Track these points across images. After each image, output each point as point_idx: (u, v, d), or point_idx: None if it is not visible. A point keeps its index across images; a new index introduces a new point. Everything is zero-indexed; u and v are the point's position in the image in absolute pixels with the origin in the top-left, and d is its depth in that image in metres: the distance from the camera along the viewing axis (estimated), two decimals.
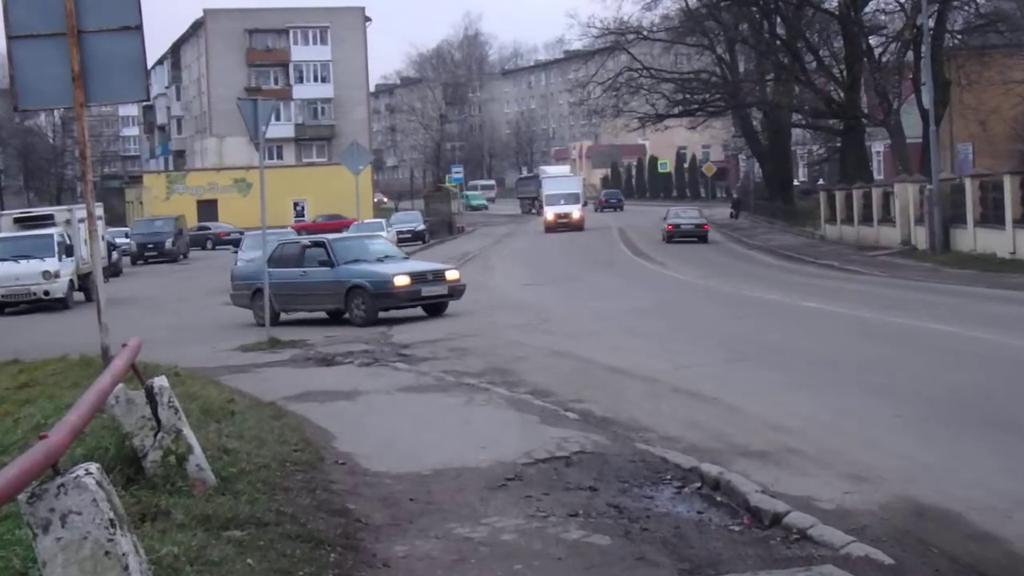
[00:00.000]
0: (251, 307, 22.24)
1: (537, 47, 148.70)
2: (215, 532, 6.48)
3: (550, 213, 61.12)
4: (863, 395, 11.48)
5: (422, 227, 60.63)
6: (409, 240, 56.48)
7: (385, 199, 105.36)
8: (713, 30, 55.61)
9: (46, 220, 33.80)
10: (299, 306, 22.30)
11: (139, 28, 9.80)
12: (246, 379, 14.32)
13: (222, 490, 7.45)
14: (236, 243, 62.45)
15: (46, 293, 29.68)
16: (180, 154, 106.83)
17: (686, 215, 50.79)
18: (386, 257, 22.77)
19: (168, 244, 54.18)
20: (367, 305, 21.05)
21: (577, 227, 58.84)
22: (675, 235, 48.12)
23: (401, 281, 21.09)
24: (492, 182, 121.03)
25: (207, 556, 5.97)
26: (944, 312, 19.15)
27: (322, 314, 22.57)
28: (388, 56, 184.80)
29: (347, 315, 21.41)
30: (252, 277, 22.08)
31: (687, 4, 55.99)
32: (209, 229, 70.01)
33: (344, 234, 28.75)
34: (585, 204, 66.56)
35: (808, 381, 12.70)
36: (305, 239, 25.02)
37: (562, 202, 61.61)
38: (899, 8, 46.99)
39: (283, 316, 21.88)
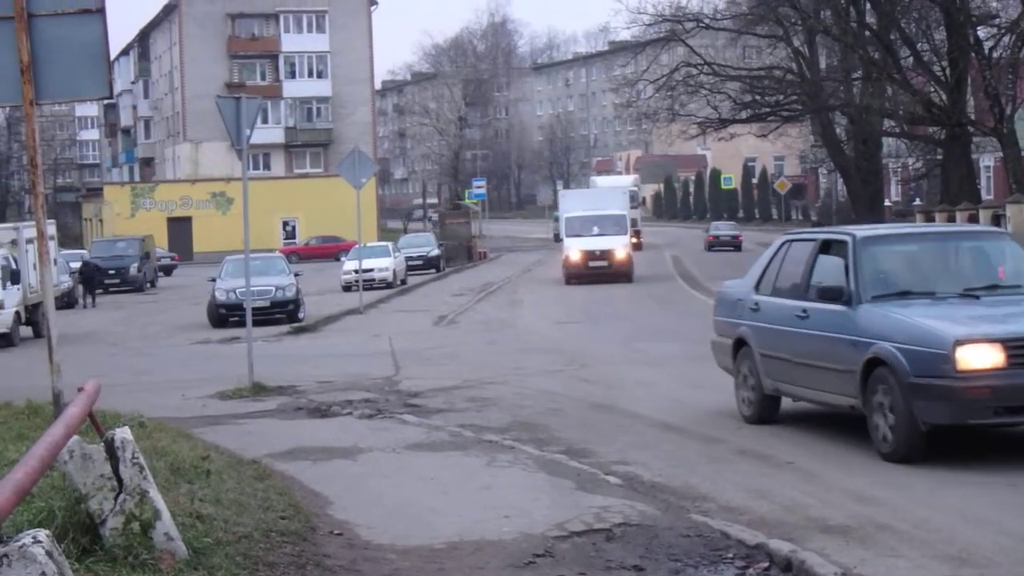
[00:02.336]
0: (732, 371, 14.68)
1: (576, 37, 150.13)
2: None
3: (574, 249, 45.78)
4: (967, 461, 11.44)
5: (436, 252, 60.87)
6: (421, 268, 56.76)
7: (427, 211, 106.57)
8: (789, 18, 55.60)
9: None
10: (800, 386, 13.49)
11: (101, 12, 9.88)
12: (225, 432, 14.41)
13: (194, 564, 7.50)
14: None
15: None
16: (148, 162, 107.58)
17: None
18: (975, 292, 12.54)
19: (133, 270, 54.51)
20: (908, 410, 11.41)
21: (622, 273, 45.01)
22: None
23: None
24: None
25: None
26: None
27: (316, 350, 22.49)
28: (397, 47, 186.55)
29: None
30: (739, 311, 14.66)
31: None
32: None
33: (879, 227, 16.86)
34: (638, 233, 53.45)
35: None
36: (823, 232, 15.29)
37: (595, 230, 46.06)
38: None
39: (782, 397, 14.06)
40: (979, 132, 48.53)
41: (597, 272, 44.49)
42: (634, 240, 54.11)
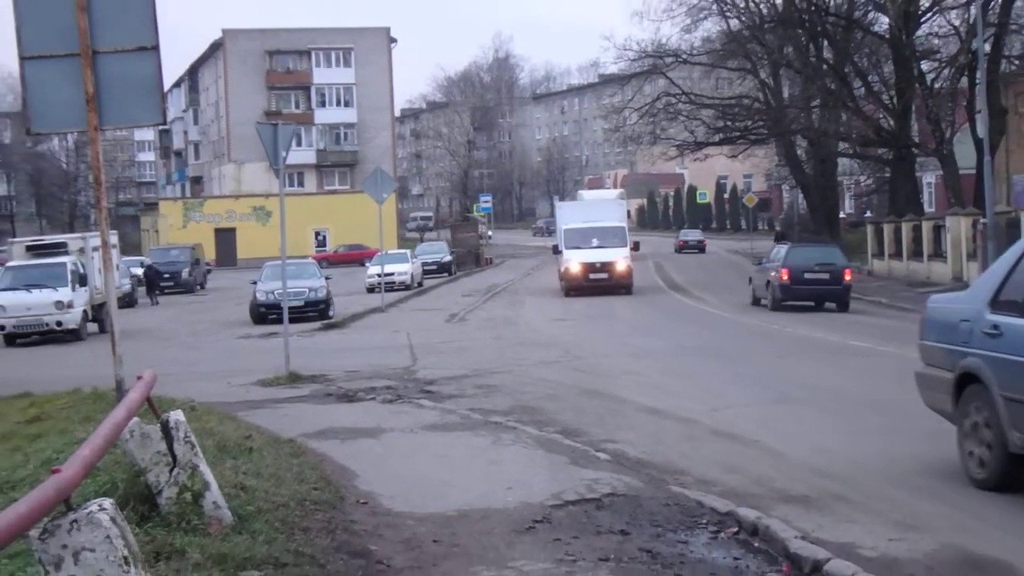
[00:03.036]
0: (952, 416, 10.09)
1: (570, 70, 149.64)
2: (231, 572, 6.55)
3: (574, 261, 39.62)
4: (913, 440, 11.46)
5: (448, 258, 60.92)
6: (435, 272, 56.75)
7: (430, 220, 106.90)
8: (756, 53, 55.69)
9: (59, 248, 34.12)
10: None
11: (156, 49, 9.90)
12: (264, 415, 14.43)
13: (239, 529, 7.53)
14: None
15: (59, 324, 29.97)
16: (197, 180, 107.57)
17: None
18: None
19: (184, 274, 54.55)
20: None
21: (622, 285, 39.41)
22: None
23: None
24: None
25: None
26: None
27: (344, 344, 22.47)
28: (414, 79, 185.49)
29: None
30: (966, 336, 9.74)
31: (729, 26, 56.16)
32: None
33: None
34: (635, 247, 43.65)
35: (855, 425, 12.69)
36: None
37: (594, 241, 40.14)
38: (953, 32, 46.94)
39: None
40: (922, 153, 48.51)
41: (597, 284, 38.77)
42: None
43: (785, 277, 30.99)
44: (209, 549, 6.86)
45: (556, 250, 41.95)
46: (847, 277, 31.67)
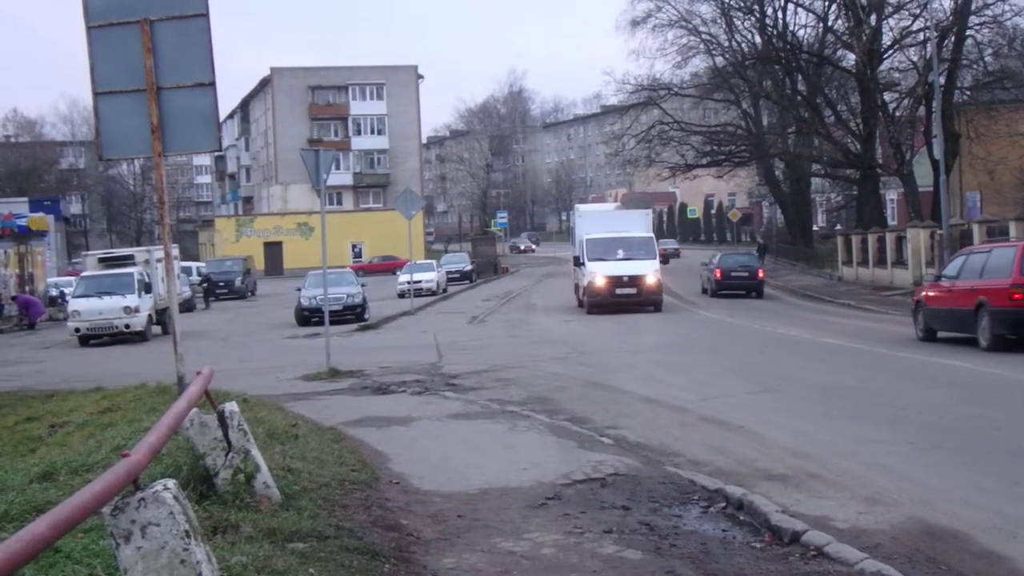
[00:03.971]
0: None
1: (576, 102, 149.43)
2: (280, 544, 6.54)
3: (599, 275, 32.66)
4: (878, 424, 11.40)
5: (470, 267, 60.94)
6: (457, 279, 56.78)
7: (432, 235, 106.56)
8: (739, 87, 55.66)
9: (127, 260, 34.25)
10: None
11: (212, 85, 9.93)
12: (308, 406, 14.43)
13: (286, 506, 7.51)
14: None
15: (127, 327, 30.07)
16: (248, 200, 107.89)
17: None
18: None
19: (237, 282, 54.68)
20: None
21: (651, 301, 32.74)
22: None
23: None
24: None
25: (273, 566, 6.03)
26: (956, 349, 18.96)
27: (377, 343, 22.44)
28: (439, 110, 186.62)
29: None
30: None
31: (715, 63, 56.18)
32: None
33: None
34: (665, 259, 41.82)
35: (827, 411, 12.62)
36: None
37: (620, 253, 33.54)
38: (912, 66, 46.82)
39: None
40: (885, 173, 48.38)
41: (625, 300, 32.28)
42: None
43: (718, 275, 40.11)
44: (260, 524, 6.85)
45: (577, 262, 35.08)
46: (760, 275, 40.09)
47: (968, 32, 42.95)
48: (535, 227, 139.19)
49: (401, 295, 43.68)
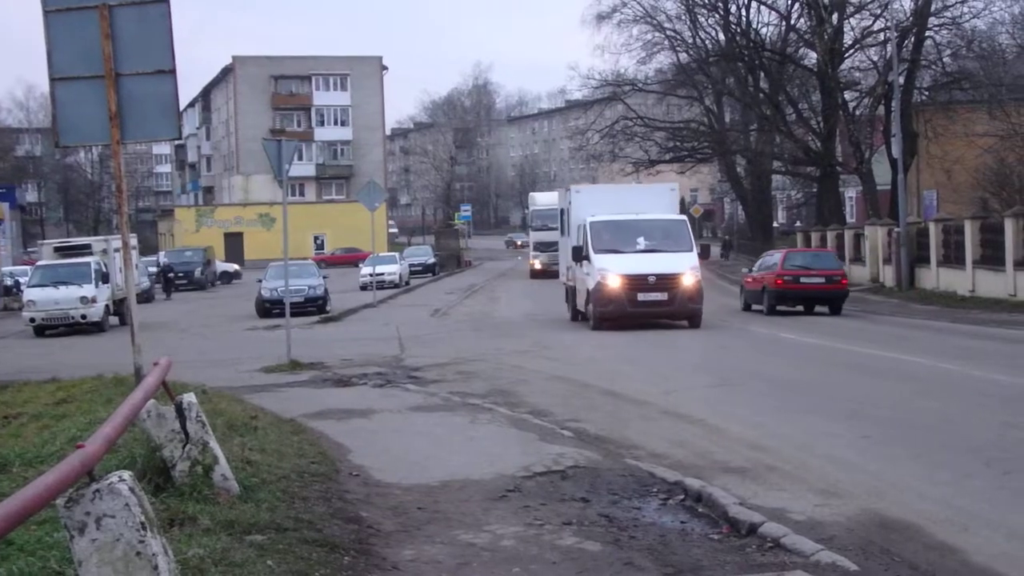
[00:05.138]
0: None
1: (541, 96, 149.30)
2: (238, 536, 6.50)
3: (611, 274, 23.55)
4: (834, 418, 11.51)
5: (432, 260, 60.83)
6: (420, 272, 56.66)
7: (396, 229, 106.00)
8: (702, 83, 55.98)
9: (84, 249, 33.90)
10: None
11: (172, 72, 9.85)
12: (268, 398, 14.35)
13: (245, 498, 7.47)
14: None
15: (83, 317, 29.74)
16: (209, 190, 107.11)
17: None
18: None
19: (197, 273, 54.27)
20: None
21: (688, 313, 23.64)
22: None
23: None
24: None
25: (230, 558, 5.99)
26: (910, 344, 19.19)
27: (339, 335, 22.29)
28: (403, 102, 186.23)
29: None
30: None
31: (679, 59, 56.41)
32: None
33: None
34: (705, 253, 33.77)
35: (784, 405, 12.72)
36: None
37: (640, 242, 24.25)
38: (872, 66, 47.27)
39: None
40: (845, 171, 48.84)
41: (651, 310, 23.27)
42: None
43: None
44: (218, 516, 6.81)
45: (579, 255, 24.60)
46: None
47: (928, 33, 43.41)
48: (499, 222, 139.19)
49: (363, 287, 43.50)
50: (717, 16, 53.82)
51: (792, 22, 50.91)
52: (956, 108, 43.12)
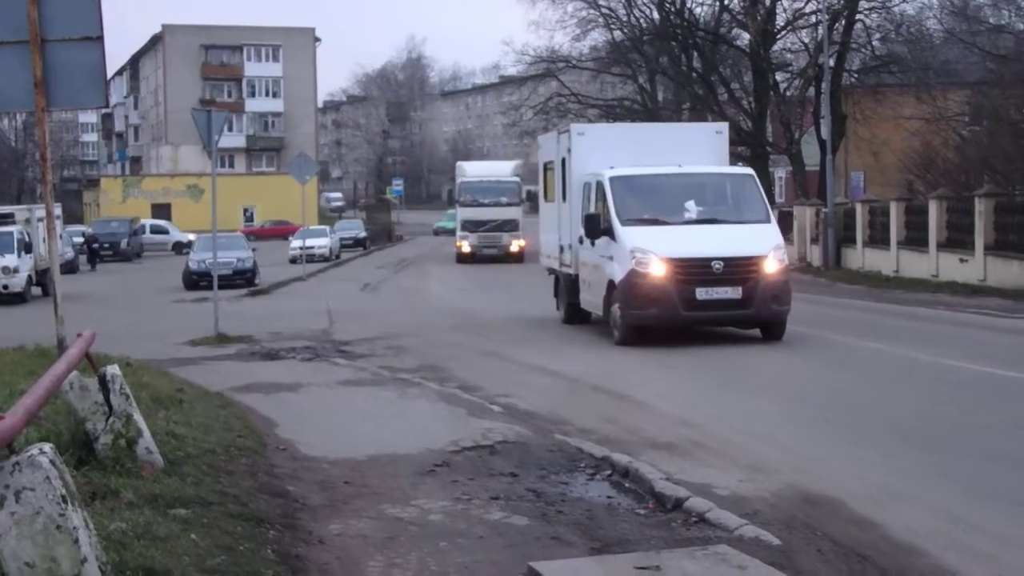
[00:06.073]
0: None
1: (475, 71, 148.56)
2: (162, 511, 6.43)
3: (653, 257, 15.66)
4: (760, 396, 11.68)
5: (364, 234, 60.47)
6: (352, 246, 56.29)
7: (342, 202, 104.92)
8: (636, 62, 56.08)
9: (6, 218, 33.13)
10: None
11: (100, 39, 9.65)
12: (195, 371, 14.19)
13: (169, 472, 7.39)
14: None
15: (5, 287, 29.12)
16: (136, 160, 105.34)
17: None
18: None
19: (123, 244, 53.39)
20: None
21: (769, 317, 16.21)
22: None
23: None
24: None
25: (154, 532, 5.92)
26: (836, 323, 19.50)
27: (268, 308, 22.08)
28: (336, 75, 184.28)
29: None
30: None
31: (613, 37, 56.43)
32: None
33: None
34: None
35: (712, 382, 12.87)
36: None
37: (689, 211, 16.65)
38: (803, 48, 47.72)
39: None
40: (775, 151, 49.38)
41: (716, 313, 16.18)
42: (519, 245, 40.63)
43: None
44: (142, 490, 6.72)
45: (594, 229, 16.80)
46: None
47: (858, 16, 43.94)
48: (431, 197, 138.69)
49: (293, 261, 43.11)
50: None
51: (726, 2, 51.19)
52: (884, 91, 43.78)
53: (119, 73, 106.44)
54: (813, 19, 45.37)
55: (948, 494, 7.39)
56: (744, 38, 49.42)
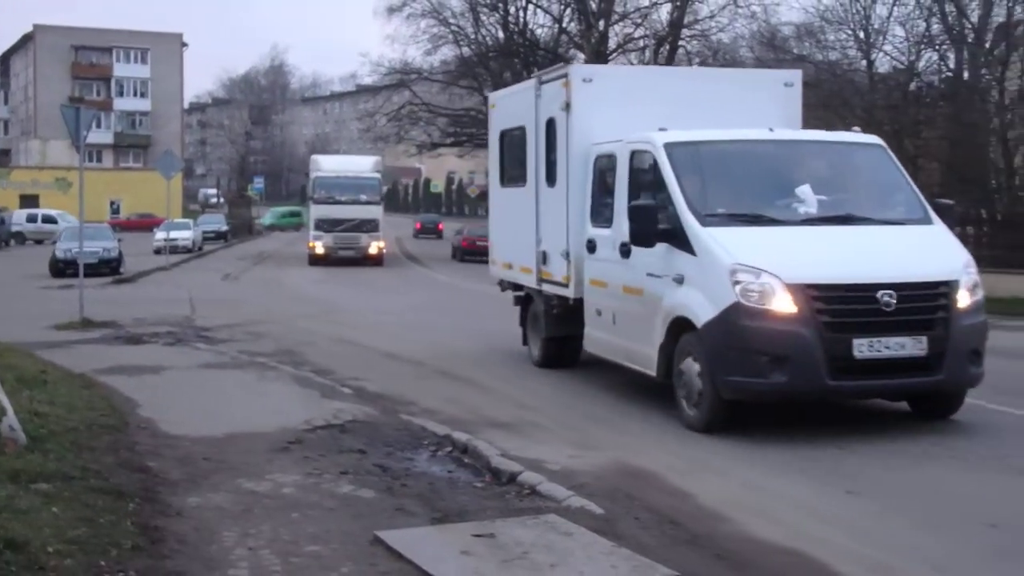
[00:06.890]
0: None
1: (334, 80, 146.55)
2: (24, 485, 6.13)
3: (776, 281, 8.28)
4: (597, 384, 11.86)
5: (225, 228, 59.05)
6: (214, 239, 54.80)
7: (219, 199, 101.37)
8: (482, 76, 56.24)
9: None
10: None
11: None
12: (60, 353, 13.56)
13: (32, 448, 7.05)
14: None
15: None
16: (5, 153, 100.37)
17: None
18: None
19: None
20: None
21: (963, 385, 8.97)
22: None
23: None
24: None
25: (15, 506, 5.64)
26: None
27: (132, 296, 21.32)
28: (202, 78, 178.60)
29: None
30: None
31: (462, 53, 56.48)
32: None
33: None
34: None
35: (554, 370, 13.00)
36: None
37: (807, 197, 9.21)
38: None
39: None
40: None
41: (886, 382, 8.61)
42: (379, 247, 37.37)
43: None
44: (4, 465, 6.39)
45: (645, 232, 9.29)
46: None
47: (680, 43, 45.22)
48: (290, 194, 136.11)
49: (157, 251, 41.58)
50: (497, 15, 54.27)
51: (564, 25, 51.93)
52: None
53: None
54: (641, 44, 46.49)
55: (759, 471, 7.63)
56: (580, 59, 50.16)
